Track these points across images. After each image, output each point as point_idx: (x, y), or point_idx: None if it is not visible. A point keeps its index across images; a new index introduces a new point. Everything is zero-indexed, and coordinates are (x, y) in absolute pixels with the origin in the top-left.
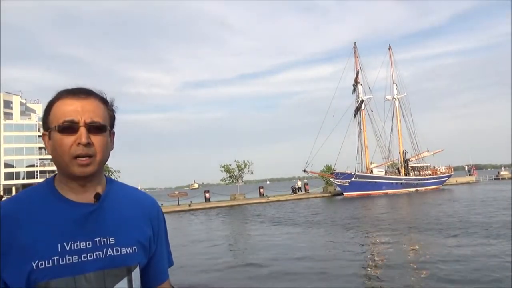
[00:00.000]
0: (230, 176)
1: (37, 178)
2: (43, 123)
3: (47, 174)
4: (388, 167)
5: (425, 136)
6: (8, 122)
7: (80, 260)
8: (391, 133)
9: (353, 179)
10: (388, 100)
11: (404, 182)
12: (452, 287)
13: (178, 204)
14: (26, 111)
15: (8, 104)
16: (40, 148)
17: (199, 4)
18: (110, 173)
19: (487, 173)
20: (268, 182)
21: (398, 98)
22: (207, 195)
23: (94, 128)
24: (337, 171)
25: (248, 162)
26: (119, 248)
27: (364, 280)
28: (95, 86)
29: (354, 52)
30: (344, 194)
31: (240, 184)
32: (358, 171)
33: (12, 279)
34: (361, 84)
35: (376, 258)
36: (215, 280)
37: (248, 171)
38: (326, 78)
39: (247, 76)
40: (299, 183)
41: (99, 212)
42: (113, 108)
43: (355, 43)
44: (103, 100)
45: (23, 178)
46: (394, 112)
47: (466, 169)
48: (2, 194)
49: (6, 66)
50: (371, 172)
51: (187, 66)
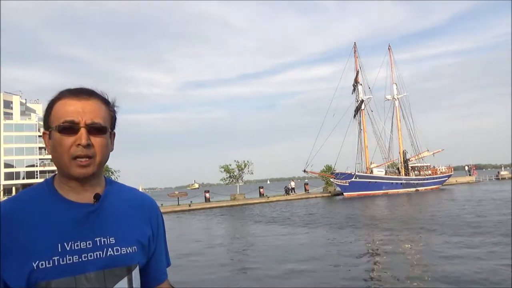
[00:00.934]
0: (230, 176)
1: (37, 178)
2: (44, 122)
3: (47, 174)
4: (388, 167)
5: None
6: (8, 122)
7: (80, 260)
8: (391, 133)
9: (353, 179)
10: (388, 100)
11: (404, 182)
12: (452, 287)
13: (178, 204)
14: (26, 111)
15: (8, 104)
16: (40, 148)
17: (199, 4)
18: (110, 173)
19: (487, 173)
20: (268, 182)
21: (398, 98)
22: (207, 195)
23: (95, 129)
24: (337, 171)
25: (248, 162)
26: (119, 248)
27: (363, 280)
28: (95, 86)
29: (354, 52)
30: (344, 194)
31: (240, 184)
32: (358, 171)
33: (12, 279)
34: (361, 84)
35: (375, 258)
36: (214, 280)
37: (248, 171)
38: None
39: (247, 76)
40: (292, 184)
41: (99, 212)
42: (114, 109)
43: (355, 43)
44: (105, 101)
45: (23, 178)
46: (394, 112)
47: (466, 169)
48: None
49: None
50: (371, 172)
51: (187, 66)
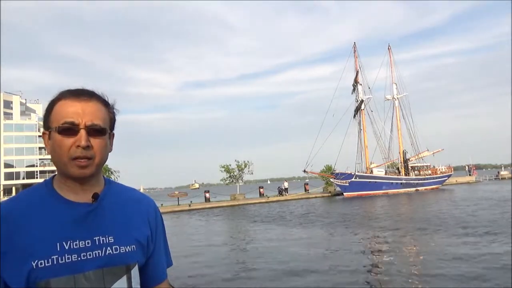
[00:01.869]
0: (230, 176)
1: (37, 178)
2: (44, 122)
3: (47, 174)
4: (388, 167)
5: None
6: (8, 122)
7: (79, 259)
8: (391, 133)
9: (353, 179)
10: (388, 100)
11: (404, 182)
12: (452, 286)
13: (178, 204)
14: (26, 111)
15: (8, 104)
16: (40, 148)
17: (199, 4)
18: (110, 173)
19: (487, 173)
20: (269, 182)
21: (398, 98)
22: (207, 195)
23: (94, 131)
24: (337, 171)
25: (248, 162)
26: (118, 247)
27: (363, 279)
28: (95, 86)
29: (354, 52)
30: (344, 194)
31: (240, 184)
32: (358, 171)
33: (12, 278)
34: (360, 84)
35: (375, 258)
36: (214, 280)
37: (248, 171)
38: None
39: (247, 76)
40: (286, 184)
41: (97, 212)
42: (114, 110)
43: (354, 43)
44: (105, 103)
45: (23, 178)
46: (394, 112)
47: (467, 169)
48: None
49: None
50: (371, 172)
51: (187, 66)
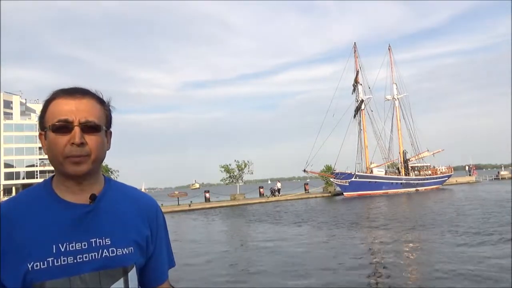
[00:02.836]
0: (230, 176)
1: (37, 178)
2: (39, 123)
3: (47, 174)
4: (388, 167)
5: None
6: (8, 122)
7: (75, 261)
8: (391, 133)
9: (353, 179)
10: (388, 100)
11: (404, 182)
12: (451, 286)
13: (178, 204)
14: (26, 111)
15: (8, 104)
16: (40, 148)
17: (199, 4)
18: (110, 173)
19: (487, 173)
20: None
21: (398, 98)
22: (207, 195)
23: (89, 128)
24: (337, 171)
25: (248, 162)
26: (114, 249)
27: (362, 279)
28: (95, 86)
29: (354, 52)
30: (344, 194)
31: (240, 184)
32: (358, 171)
33: (9, 280)
34: (361, 84)
35: (374, 258)
36: (214, 280)
37: (248, 171)
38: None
39: (247, 76)
40: (279, 185)
41: (95, 213)
42: (109, 108)
43: (355, 43)
44: (99, 100)
45: (23, 178)
46: (394, 112)
47: (467, 169)
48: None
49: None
50: (371, 172)
51: (187, 66)
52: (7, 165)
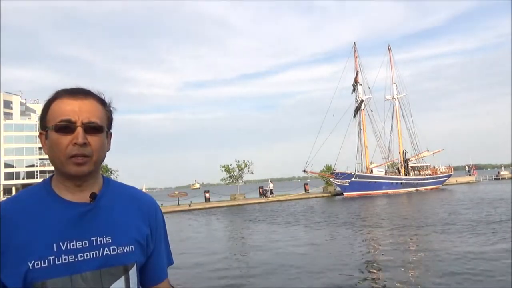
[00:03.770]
0: (230, 176)
1: (37, 178)
2: (40, 122)
3: (47, 174)
4: (388, 167)
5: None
6: (8, 122)
7: (76, 259)
8: (391, 133)
9: (353, 179)
10: (388, 100)
11: (404, 182)
12: (452, 286)
13: (178, 204)
14: (26, 111)
15: (8, 104)
16: (40, 148)
17: (199, 4)
18: (110, 172)
19: (487, 173)
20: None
21: (398, 98)
22: (207, 195)
23: (91, 129)
24: (337, 171)
25: (248, 162)
26: (115, 247)
27: (362, 279)
28: (95, 86)
29: (354, 52)
30: (344, 194)
31: (240, 184)
32: (358, 171)
33: (9, 279)
34: (360, 84)
35: (374, 257)
36: (214, 280)
37: (248, 171)
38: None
39: (247, 76)
40: (271, 185)
41: (95, 212)
42: (111, 109)
43: (354, 43)
44: (101, 101)
45: (23, 178)
46: (394, 112)
47: (467, 169)
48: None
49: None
50: (371, 172)
51: (187, 66)
52: (7, 165)
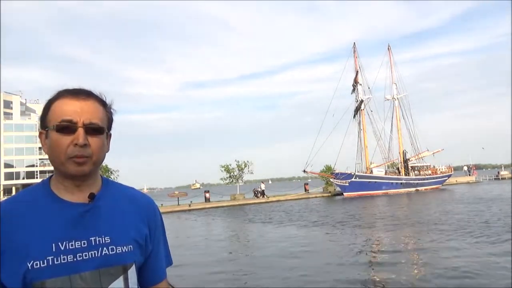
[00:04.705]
0: (230, 176)
1: (37, 178)
2: (41, 122)
3: (47, 174)
4: (388, 167)
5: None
6: (8, 122)
7: (75, 259)
8: (391, 133)
9: (353, 179)
10: (388, 100)
11: (404, 182)
12: (451, 286)
13: (178, 204)
14: (26, 111)
15: (8, 104)
16: (40, 148)
17: (199, 4)
18: (110, 173)
19: (487, 173)
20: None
21: (397, 98)
22: (207, 195)
23: (92, 130)
24: (337, 171)
25: (248, 162)
26: (114, 247)
27: (361, 279)
28: (95, 86)
29: (354, 52)
30: (344, 194)
31: (240, 184)
32: (358, 171)
33: (8, 279)
34: (360, 84)
35: (374, 256)
36: (214, 280)
37: (248, 171)
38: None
39: (247, 76)
40: (263, 186)
41: (94, 212)
42: (111, 110)
43: (354, 43)
44: (102, 102)
45: (23, 178)
46: (394, 112)
47: (466, 169)
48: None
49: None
50: (371, 172)
51: (187, 66)
52: (7, 165)
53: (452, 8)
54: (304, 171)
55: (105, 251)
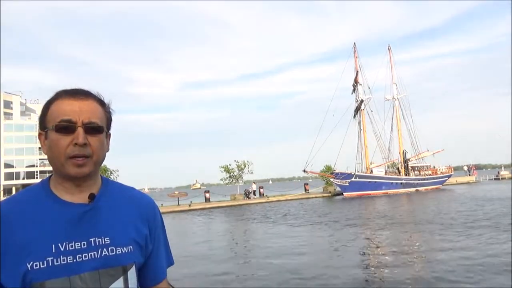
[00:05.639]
0: (230, 176)
1: (37, 178)
2: (40, 123)
3: (47, 174)
4: (388, 167)
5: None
6: (8, 122)
7: (75, 260)
8: (391, 133)
9: (353, 179)
10: (388, 100)
11: (404, 182)
12: (451, 286)
13: (178, 204)
14: (26, 111)
15: (8, 104)
16: (40, 148)
17: (199, 4)
18: (109, 173)
19: (487, 173)
20: (270, 182)
21: (398, 98)
22: (207, 195)
23: (91, 129)
24: (337, 171)
25: (248, 162)
26: (114, 248)
27: (362, 280)
28: (95, 86)
29: (354, 52)
30: (344, 194)
31: (240, 184)
32: (358, 171)
33: (8, 280)
34: (360, 84)
35: (374, 256)
36: (214, 280)
37: (248, 171)
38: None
39: (247, 76)
40: (254, 186)
41: (93, 212)
42: (110, 110)
43: (354, 43)
44: (101, 102)
45: (23, 178)
46: (394, 112)
47: (466, 169)
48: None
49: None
50: (371, 172)
51: (187, 66)
52: (7, 165)
53: (452, 8)
54: (304, 171)
55: (105, 252)
